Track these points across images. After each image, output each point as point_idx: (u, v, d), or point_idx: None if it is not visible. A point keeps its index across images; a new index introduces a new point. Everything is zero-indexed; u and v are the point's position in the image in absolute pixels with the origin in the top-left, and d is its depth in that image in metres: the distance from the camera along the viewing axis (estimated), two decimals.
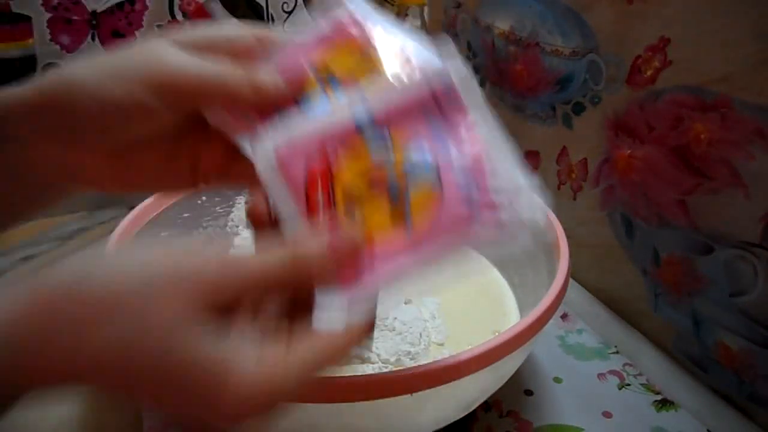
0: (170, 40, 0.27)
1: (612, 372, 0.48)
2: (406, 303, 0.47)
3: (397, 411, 0.34)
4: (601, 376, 0.47)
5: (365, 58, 0.27)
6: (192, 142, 0.29)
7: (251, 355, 0.22)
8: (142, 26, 0.71)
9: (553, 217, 0.45)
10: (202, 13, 0.72)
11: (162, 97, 0.26)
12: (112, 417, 0.44)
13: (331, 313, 0.24)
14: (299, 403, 0.31)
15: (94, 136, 0.27)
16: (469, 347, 0.33)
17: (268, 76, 0.27)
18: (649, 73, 0.47)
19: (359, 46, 0.27)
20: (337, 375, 0.40)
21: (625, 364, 0.49)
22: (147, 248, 0.23)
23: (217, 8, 0.72)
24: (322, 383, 0.30)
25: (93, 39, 0.69)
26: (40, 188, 0.29)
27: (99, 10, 0.68)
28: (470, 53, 0.71)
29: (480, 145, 0.24)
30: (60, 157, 0.27)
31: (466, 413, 0.40)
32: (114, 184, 0.29)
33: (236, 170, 0.29)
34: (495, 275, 0.53)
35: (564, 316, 0.54)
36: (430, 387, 0.31)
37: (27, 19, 0.65)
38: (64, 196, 0.30)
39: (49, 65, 0.68)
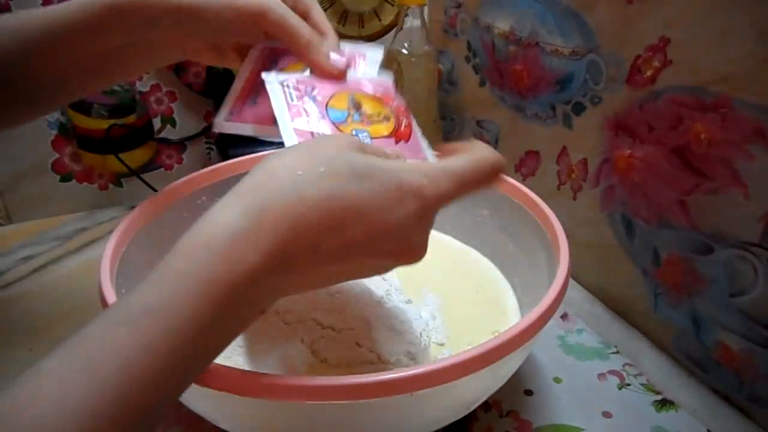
0: None
1: (612, 372, 0.48)
2: (406, 303, 0.47)
3: (397, 411, 0.34)
4: (601, 376, 0.47)
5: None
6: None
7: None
8: None
9: (553, 217, 0.45)
10: None
11: (259, 28, 0.39)
12: None
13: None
14: (299, 402, 0.31)
15: (211, 36, 0.42)
16: (469, 347, 0.33)
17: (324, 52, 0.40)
18: (649, 73, 0.47)
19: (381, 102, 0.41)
20: (338, 375, 0.40)
21: (625, 364, 0.49)
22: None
23: None
24: (322, 383, 0.30)
25: None
26: (155, 59, 0.44)
27: None
28: (470, 53, 0.71)
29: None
30: (185, 43, 0.42)
31: (466, 413, 0.40)
32: (204, 59, 0.45)
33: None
34: (495, 275, 0.53)
35: (564, 316, 0.54)
36: (430, 387, 0.31)
37: None
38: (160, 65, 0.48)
39: None
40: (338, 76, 0.40)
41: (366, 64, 0.43)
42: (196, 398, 0.36)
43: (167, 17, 0.39)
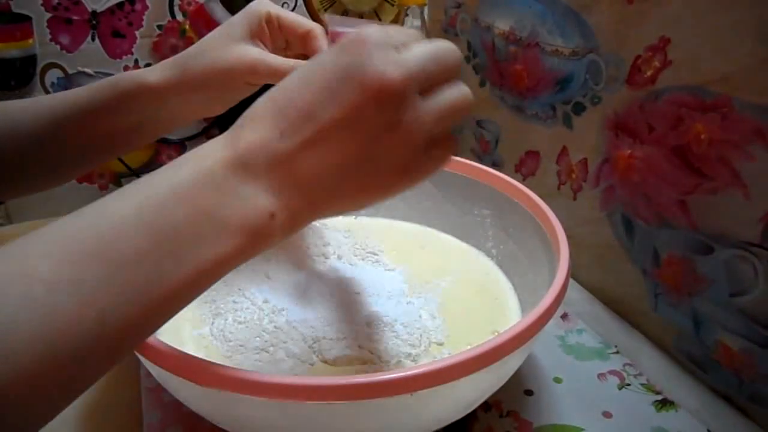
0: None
1: (612, 372, 0.48)
2: (406, 303, 0.47)
3: (397, 411, 0.34)
4: (601, 376, 0.47)
5: None
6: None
7: None
8: (142, 26, 0.71)
9: (553, 217, 0.45)
10: (202, 13, 0.72)
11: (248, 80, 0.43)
12: (112, 416, 0.44)
13: None
14: (299, 402, 0.31)
15: (216, 101, 0.46)
16: (469, 347, 0.33)
17: None
18: (649, 73, 0.47)
19: None
20: (338, 375, 0.40)
21: (625, 364, 0.49)
22: None
23: (217, 8, 0.72)
24: (322, 383, 0.30)
25: (93, 39, 0.70)
26: (169, 127, 0.48)
27: (99, 10, 0.68)
28: (470, 53, 0.71)
29: None
30: (194, 111, 0.46)
31: (466, 413, 0.40)
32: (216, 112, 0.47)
33: None
34: (495, 275, 0.53)
35: (564, 316, 0.54)
36: (430, 387, 0.31)
37: (27, 19, 0.65)
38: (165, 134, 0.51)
39: (49, 65, 0.68)
40: None
41: None
42: (196, 398, 0.36)
43: (172, 96, 0.43)
